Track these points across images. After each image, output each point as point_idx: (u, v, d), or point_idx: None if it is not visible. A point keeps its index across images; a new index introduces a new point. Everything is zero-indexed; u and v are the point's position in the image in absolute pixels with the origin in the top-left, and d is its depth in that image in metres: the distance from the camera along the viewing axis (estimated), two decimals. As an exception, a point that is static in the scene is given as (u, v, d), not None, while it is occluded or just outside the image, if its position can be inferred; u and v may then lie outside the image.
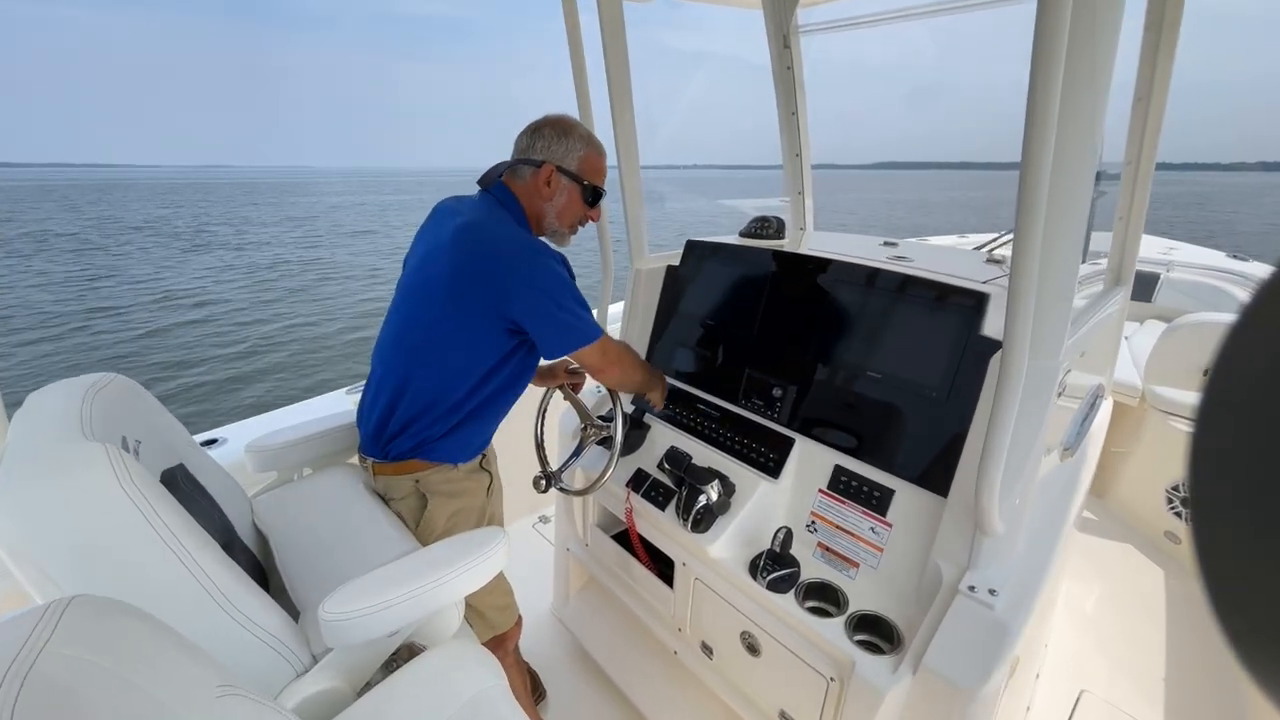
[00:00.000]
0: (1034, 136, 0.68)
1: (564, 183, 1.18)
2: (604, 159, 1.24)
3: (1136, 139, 1.40)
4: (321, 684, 0.91)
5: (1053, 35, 0.65)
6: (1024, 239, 0.74)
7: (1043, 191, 0.71)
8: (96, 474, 0.73)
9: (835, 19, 1.83)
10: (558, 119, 1.20)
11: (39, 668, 0.46)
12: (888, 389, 1.16)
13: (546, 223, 1.22)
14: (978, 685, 0.86)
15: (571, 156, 1.18)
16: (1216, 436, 0.18)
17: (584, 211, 1.24)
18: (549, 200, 1.18)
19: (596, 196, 1.24)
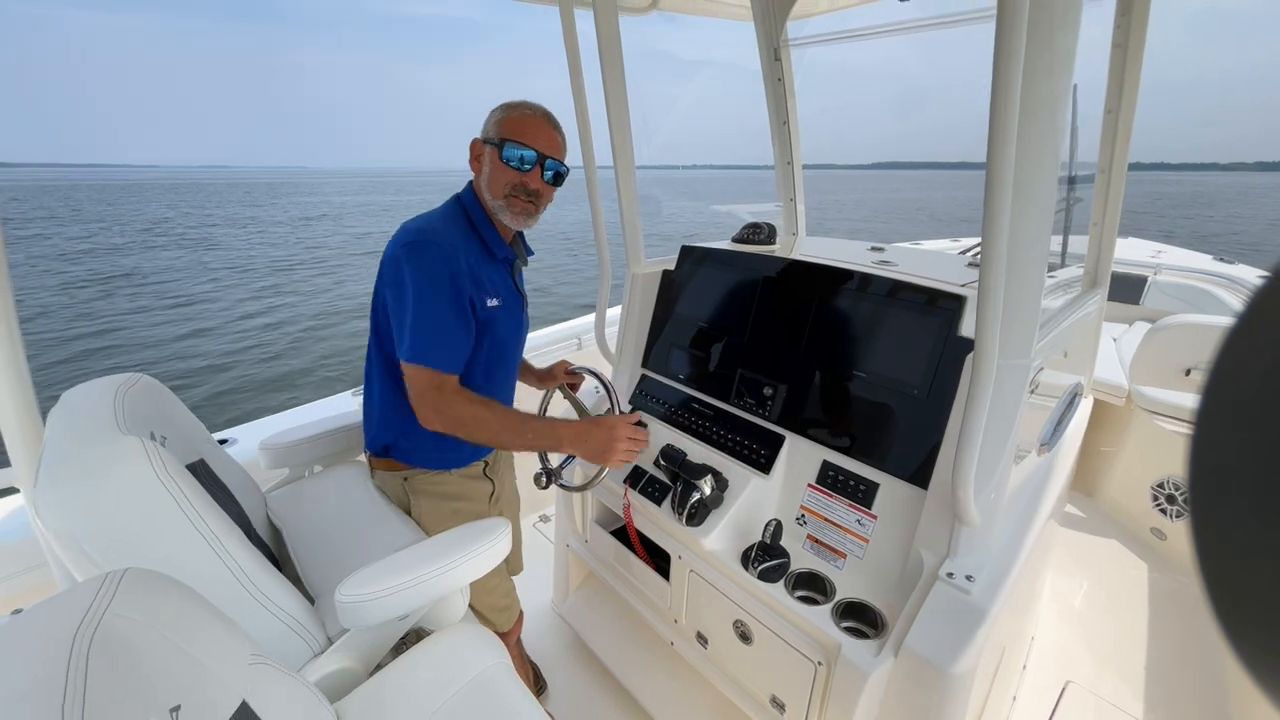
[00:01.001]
0: (997, 147, 0.74)
1: (485, 151, 1.12)
2: (533, 118, 1.12)
3: (1108, 148, 1.47)
4: (337, 664, 0.97)
5: (1011, 53, 0.70)
6: (991, 243, 0.79)
7: (1006, 198, 0.76)
8: (135, 464, 0.79)
9: (823, 33, 1.90)
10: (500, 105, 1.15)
11: (104, 626, 0.52)
12: (872, 388, 1.21)
13: (485, 201, 1.14)
14: (955, 665, 0.92)
15: (491, 123, 1.11)
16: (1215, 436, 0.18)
17: (506, 174, 1.11)
18: (479, 174, 1.13)
19: (522, 159, 1.11)
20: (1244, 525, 0.17)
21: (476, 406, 1.07)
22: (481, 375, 1.19)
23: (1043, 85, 0.81)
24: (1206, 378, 0.17)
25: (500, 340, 1.18)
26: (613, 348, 1.77)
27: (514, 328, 1.23)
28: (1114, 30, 1.37)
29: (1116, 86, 1.41)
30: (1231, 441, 0.17)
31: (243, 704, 0.61)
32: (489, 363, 1.18)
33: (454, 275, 1.04)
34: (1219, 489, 0.17)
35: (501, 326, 1.17)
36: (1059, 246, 1.58)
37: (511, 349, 1.25)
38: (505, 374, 1.27)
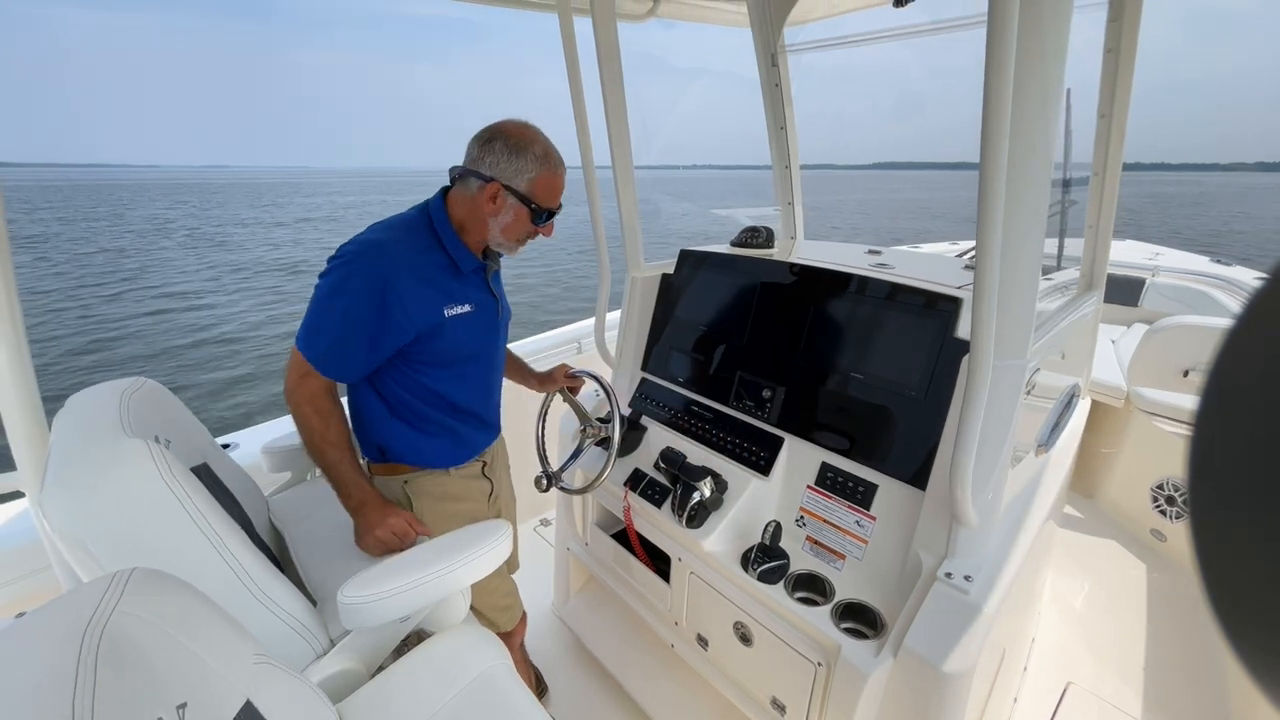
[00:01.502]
0: (990, 150, 0.75)
1: (510, 202, 1.11)
2: (560, 176, 1.15)
3: (1102, 151, 1.49)
4: (339, 665, 0.97)
5: (1002, 57, 0.72)
6: (985, 246, 0.80)
7: (1000, 201, 0.77)
8: (140, 467, 0.80)
9: (819, 39, 1.92)
10: (514, 130, 1.09)
11: (113, 624, 0.53)
12: (870, 389, 1.22)
13: (490, 237, 1.15)
14: (953, 664, 0.92)
15: (522, 178, 1.09)
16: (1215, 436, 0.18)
17: (532, 229, 1.16)
18: (493, 216, 1.11)
19: (547, 217, 1.16)
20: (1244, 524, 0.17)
21: (309, 415, 1.09)
22: (454, 378, 1.20)
23: (1034, 89, 0.82)
24: (1206, 378, 0.17)
25: (470, 342, 1.19)
26: (613, 351, 1.78)
27: (487, 329, 1.24)
28: (1106, 35, 1.39)
29: (1109, 91, 1.42)
30: (1231, 441, 0.17)
31: (247, 703, 0.62)
32: (459, 363, 1.20)
33: (373, 287, 1.03)
34: (1219, 489, 0.17)
35: (471, 330, 1.18)
36: (1055, 249, 1.59)
37: (486, 350, 1.26)
38: (482, 373, 1.26)
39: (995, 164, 0.75)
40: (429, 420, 1.21)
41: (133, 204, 42.05)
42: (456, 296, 1.14)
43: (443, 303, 1.12)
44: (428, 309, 1.09)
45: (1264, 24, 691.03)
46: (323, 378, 1.07)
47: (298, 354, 1.06)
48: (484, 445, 1.35)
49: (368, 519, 1.13)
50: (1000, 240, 0.79)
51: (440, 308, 1.11)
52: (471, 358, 1.22)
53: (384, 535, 1.12)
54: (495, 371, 1.33)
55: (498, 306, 1.25)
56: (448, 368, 1.18)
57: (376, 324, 1.05)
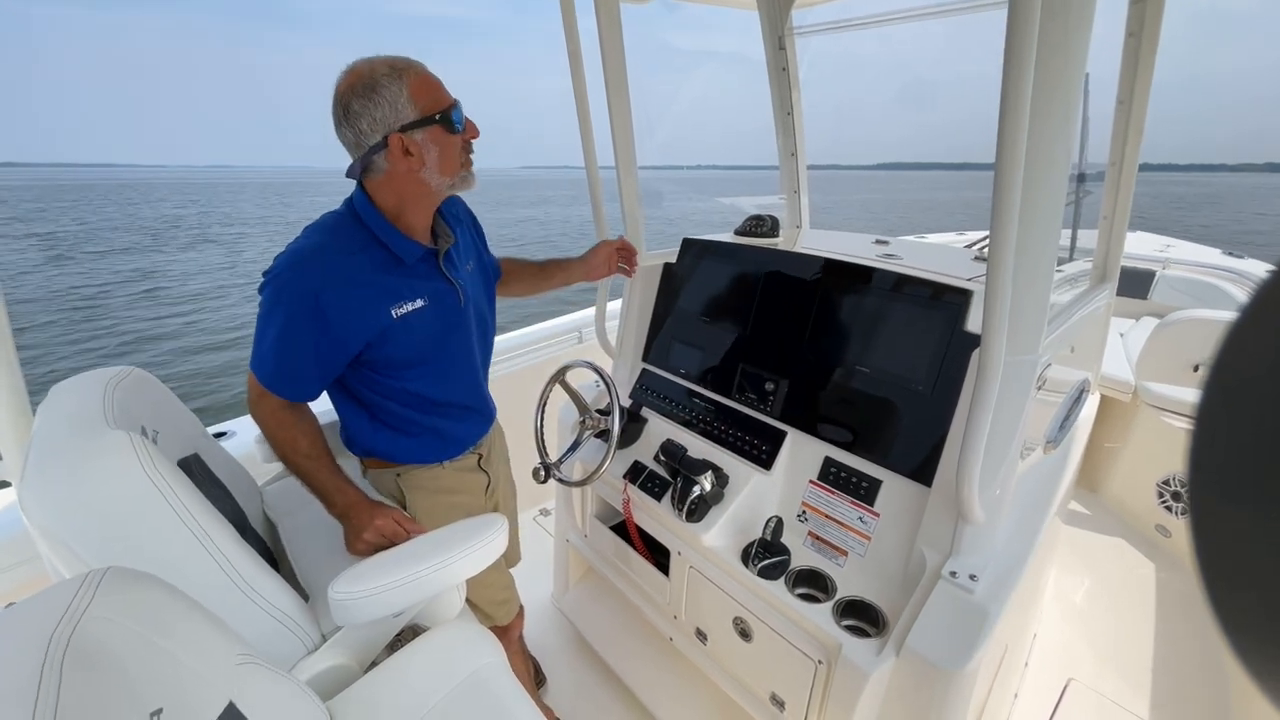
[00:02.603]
0: (1007, 139, 0.71)
1: (419, 137, 0.97)
2: (424, 72, 0.98)
3: (1119, 141, 1.44)
4: (331, 661, 0.96)
5: (1023, 40, 0.68)
6: (999, 237, 0.77)
7: (1016, 192, 0.74)
8: (122, 460, 0.78)
9: (829, 20, 1.86)
10: (350, 84, 0.94)
11: (82, 629, 0.50)
12: (876, 383, 1.19)
13: (438, 187, 1.03)
14: (957, 666, 0.90)
15: (400, 108, 0.94)
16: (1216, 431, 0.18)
17: (459, 140, 1.02)
18: (421, 167, 0.99)
19: (456, 117, 1.01)
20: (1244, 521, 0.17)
21: (273, 429, 1.06)
22: (427, 375, 1.13)
23: (1056, 74, 0.78)
24: (1208, 373, 0.17)
25: (432, 337, 1.10)
26: (613, 341, 1.76)
27: (450, 319, 1.13)
28: (1128, 18, 1.33)
29: (1130, 77, 1.37)
30: (1232, 436, 0.17)
31: (229, 705, 0.60)
32: (426, 360, 1.12)
33: (304, 302, 0.96)
34: (1219, 484, 0.17)
35: (428, 325, 1.09)
36: (1068, 240, 1.55)
37: (455, 340, 1.16)
38: (456, 364, 1.18)
39: (1013, 153, 0.72)
40: (411, 421, 1.16)
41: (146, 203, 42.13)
42: (403, 293, 1.03)
43: (387, 303, 1.02)
44: (370, 313, 1.00)
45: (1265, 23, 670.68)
46: (272, 395, 1.02)
47: (252, 377, 1.02)
48: (476, 437, 1.30)
49: (355, 522, 1.09)
50: (1015, 232, 0.76)
51: (385, 309, 1.02)
52: (438, 352, 1.13)
53: (372, 538, 1.08)
54: (471, 359, 1.22)
55: (458, 292, 1.13)
56: (415, 366, 1.11)
57: (317, 338, 0.98)
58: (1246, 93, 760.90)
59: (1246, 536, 0.17)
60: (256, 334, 1.00)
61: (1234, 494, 0.17)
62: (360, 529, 1.08)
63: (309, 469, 1.08)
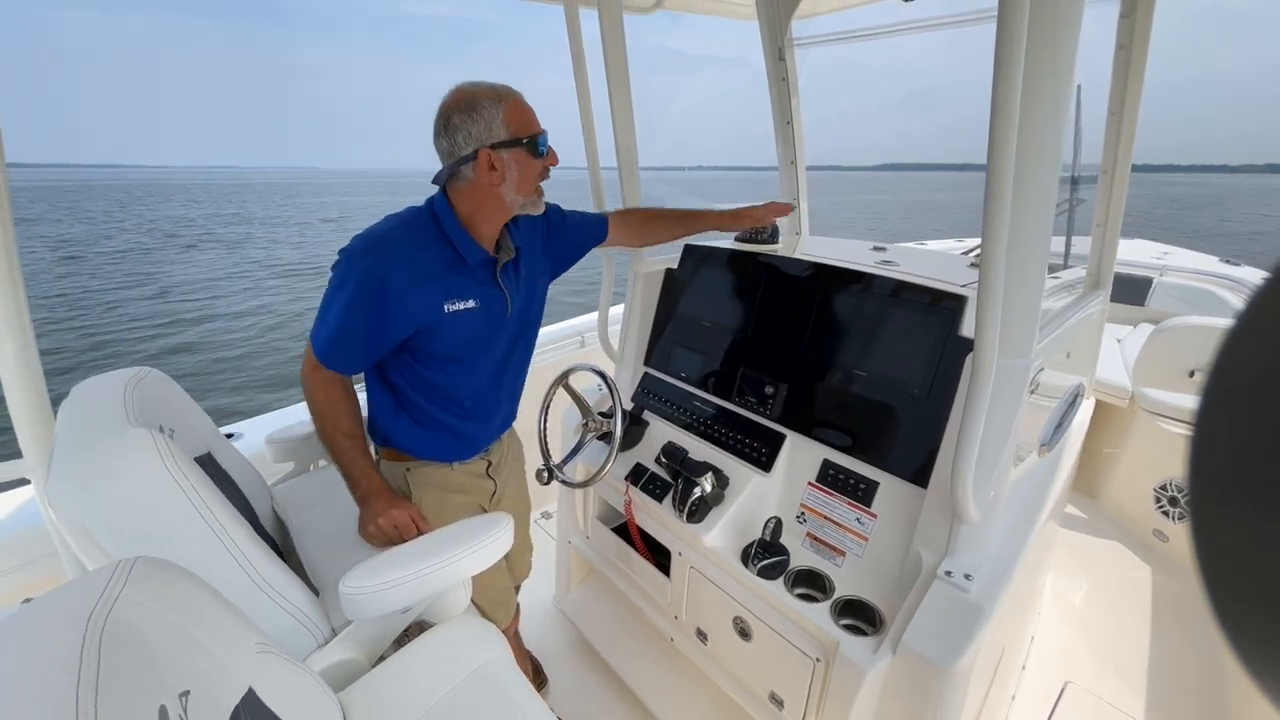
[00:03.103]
0: (997, 147, 0.74)
1: (505, 156, 1.07)
2: (520, 99, 1.09)
3: (1111, 150, 1.47)
4: (340, 655, 0.98)
5: (1012, 52, 0.71)
6: (991, 244, 0.80)
7: (1006, 199, 0.77)
8: (144, 456, 0.81)
9: (828, 33, 1.90)
10: (455, 100, 1.05)
11: (116, 612, 0.53)
12: (873, 387, 1.22)
13: (512, 204, 1.12)
14: (952, 662, 0.92)
15: (494, 128, 1.05)
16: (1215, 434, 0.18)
17: (539, 165, 1.12)
18: (501, 183, 1.08)
19: (541, 143, 1.11)
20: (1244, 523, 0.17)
21: (320, 402, 1.13)
22: (458, 373, 1.19)
23: (1045, 85, 0.81)
24: (1207, 376, 0.18)
25: (473, 338, 1.17)
26: (615, 345, 1.78)
27: (494, 325, 1.20)
28: (1118, 31, 1.37)
29: (1120, 88, 1.41)
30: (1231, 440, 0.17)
31: (249, 691, 0.63)
32: (462, 359, 1.18)
33: (370, 281, 1.04)
34: (1219, 487, 0.18)
35: (473, 325, 1.16)
36: (1062, 247, 1.58)
37: (494, 345, 1.22)
38: (489, 369, 1.24)
39: (1003, 161, 0.75)
40: (431, 418, 1.21)
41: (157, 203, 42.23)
42: (459, 292, 1.12)
43: (442, 298, 1.10)
44: (426, 304, 1.08)
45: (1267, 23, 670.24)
46: (326, 370, 1.10)
47: (309, 348, 1.10)
48: (487, 442, 1.33)
49: (372, 508, 1.15)
50: (1006, 238, 0.79)
51: (440, 303, 1.10)
52: (476, 353, 1.20)
53: (385, 525, 1.13)
54: (502, 366, 1.28)
55: (506, 301, 1.21)
56: (450, 362, 1.17)
57: (374, 319, 1.05)
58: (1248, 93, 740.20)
59: (1247, 538, 0.17)
60: (321, 307, 1.07)
61: (1234, 495, 0.17)
62: (375, 515, 1.14)
63: (345, 447, 1.14)
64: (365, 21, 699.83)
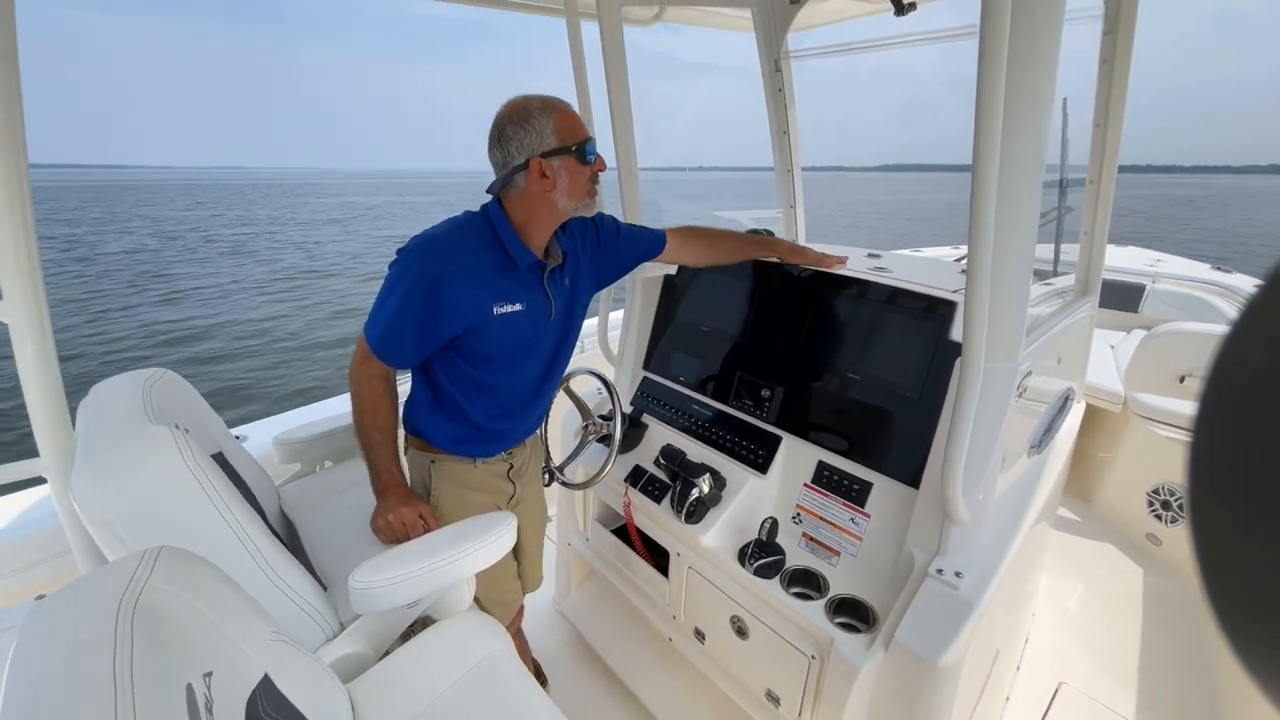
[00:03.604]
0: (981, 157, 0.78)
1: (555, 163, 1.11)
2: (569, 109, 1.14)
3: (1097, 159, 1.51)
4: (348, 648, 1.01)
5: (993, 64, 0.74)
6: (977, 250, 0.83)
7: (991, 206, 0.80)
8: (165, 452, 0.84)
9: (823, 45, 1.95)
10: (509, 111, 1.11)
11: (144, 598, 0.56)
12: (867, 390, 1.25)
13: (564, 209, 1.16)
14: (942, 657, 0.95)
15: (545, 137, 1.10)
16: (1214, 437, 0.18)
17: (588, 172, 1.16)
18: (552, 189, 1.13)
19: (590, 150, 1.15)
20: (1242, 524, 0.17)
21: (364, 395, 1.19)
22: (499, 373, 1.22)
23: (1025, 97, 0.84)
24: (1205, 380, 0.18)
25: (517, 340, 1.21)
26: (615, 350, 1.81)
27: (537, 329, 1.24)
28: (1101, 47, 1.41)
29: (1104, 101, 1.45)
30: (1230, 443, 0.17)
31: (265, 676, 0.65)
32: (504, 359, 1.22)
33: (425, 280, 1.09)
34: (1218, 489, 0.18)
35: (518, 328, 1.19)
36: (1051, 255, 1.62)
37: (536, 348, 1.27)
38: (528, 371, 1.28)
39: (987, 170, 0.78)
40: (466, 414, 1.24)
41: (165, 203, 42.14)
42: (508, 295, 1.16)
43: (492, 300, 1.14)
44: (476, 306, 1.13)
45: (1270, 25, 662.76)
46: (381, 364, 1.15)
47: (362, 338, 1.16)
48: (512, 442, 1.35)
49: (385, 503, 1.20)
50: (991, 244, 0.82)
51: (489, 305, 1.14)
52: (519, 354, 1.23)
53: (393, 521, 1.18)
54: (542, 370, 1.31)
55: (550, 306, 1.24)
56: (494, 361, 1.21)
57: (426, 317, 1.11)
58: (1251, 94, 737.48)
59: (1246, 539, 0.17)
60: (377, 301, 1.13)
61: (1233, 497, 0.17)
62: (385, 511, 1.19)
63: (376, 441, 1.20)
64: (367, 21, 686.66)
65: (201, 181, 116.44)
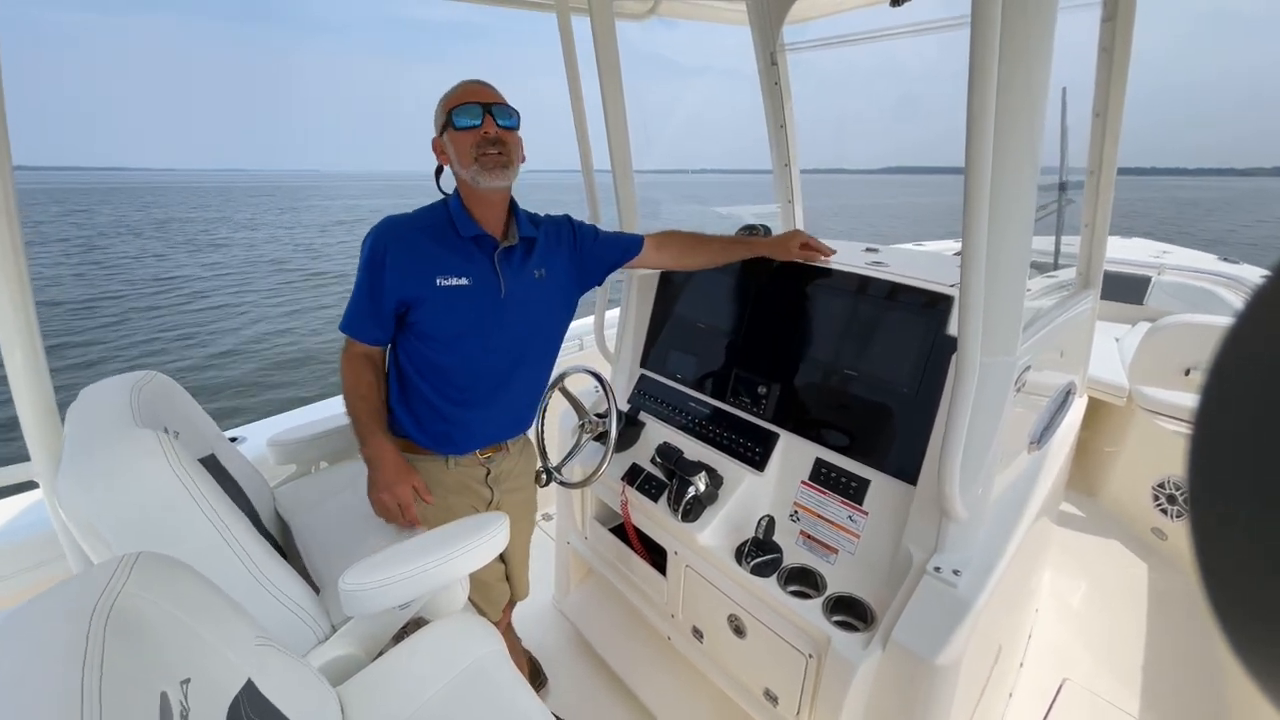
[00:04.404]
0: (974, 149, 0.76)
1: (445, 139, 1.17)
2: (460, 87, 1.17)
3: (1097, 151, 1.49)
4: (340, 650, 1.00)
5: (985, 56, 0.73)
6: (971, 244, 0.82)
7: (985, 199, 0.79)
8: (151, 457, 0.83)
9: (819, 38, 1.93)
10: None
11: (119, 605, 0.56)
12: (864, 386, 1.24)
13: (467, 179, 1.18)
14: (940, 656, 0.94)
15: (439, 117, 1.17)
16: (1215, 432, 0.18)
17: (467, 138, 1.14)
18: (454, 163, 1.18)
19: (457, 117, 1.14)
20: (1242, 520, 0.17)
21: (346, 373, 1.23)
22: (454, 355, 1.22)
23: (1018, 87, 0.83)
24: (1207, 375, 0.18)
25: (464, 316, 1.20)
26: (611, 348, 1.80)
27: (487, 307, 1.22)
28: (1100, 34, 1.39)
29: (1104, 90, 1.43)
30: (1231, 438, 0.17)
31: (248, 682, 0.65)
32: (456, 338, 1.21)
33: (375, 254, 1.15)
34: (1218, 485, 0.18)
35: (464, 303, 1.19)
36: (1051, 248, 1.60)
37: (488, 328, 1.23)
38: (484, 354, 1.25)
39: (980, 162, 0.76)
40: (429, 402, 1.24)
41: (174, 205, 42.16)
42: (451, 268, 1.18)
43: (434, 271, 1.16)
44: (419, 274, 1.16)
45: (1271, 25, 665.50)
46: (357, 343, 1.20)
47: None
48: (484, 441, 1.33)
49: (377, 477, 1.20)
50: (986, 237, 0.81)
51: (432, 276, 1.16)
52: (469, 333, 1.21)
53: (388, 501, 1.19)
54: (506, 359, 1.27)
55: (500, 284, 1.21)
56: (443, 340, 1.21)
57: (374, 285, 1.16)
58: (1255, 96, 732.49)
59: (1246, 535, 0.17)
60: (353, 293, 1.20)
61: (1233, 493, 0.17)
62: (377, 486, 1.20)
63: (360, 409, 1.21)
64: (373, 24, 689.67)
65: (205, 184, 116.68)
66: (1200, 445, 0.18)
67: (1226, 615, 0.18)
